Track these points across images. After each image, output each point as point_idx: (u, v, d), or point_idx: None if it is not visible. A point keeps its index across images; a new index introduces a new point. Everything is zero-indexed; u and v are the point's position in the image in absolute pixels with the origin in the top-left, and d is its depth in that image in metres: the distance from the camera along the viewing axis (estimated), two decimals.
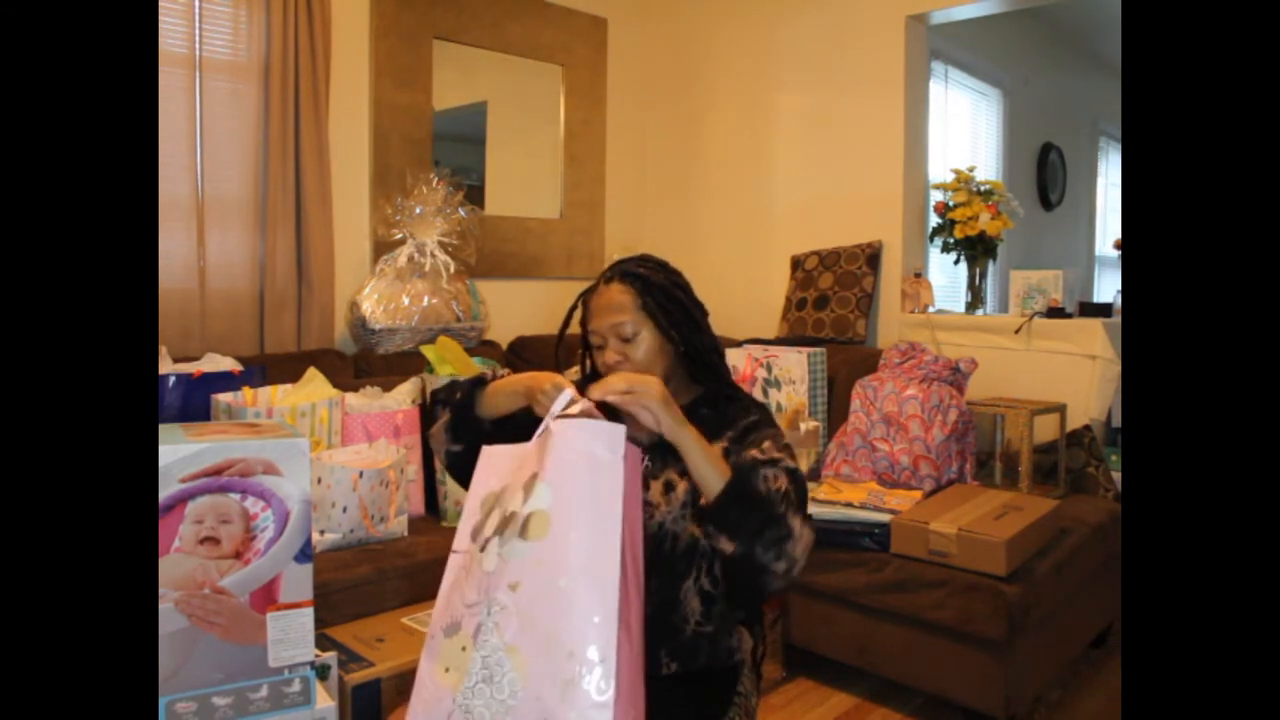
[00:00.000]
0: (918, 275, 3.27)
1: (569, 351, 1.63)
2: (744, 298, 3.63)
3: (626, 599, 1.02)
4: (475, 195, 3.32)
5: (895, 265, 3.26)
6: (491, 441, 1.18)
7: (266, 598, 1.23)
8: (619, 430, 1.02)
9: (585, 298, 1.35)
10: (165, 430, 1.26)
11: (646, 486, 1.26)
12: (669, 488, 1.25)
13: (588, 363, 1.40)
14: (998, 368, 2.91)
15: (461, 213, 3.03)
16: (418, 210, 2.95)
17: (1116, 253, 3.70)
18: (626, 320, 1.28)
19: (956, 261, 3.31)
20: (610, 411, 1.14)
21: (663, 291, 1.31)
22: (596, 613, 0.96)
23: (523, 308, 3.47)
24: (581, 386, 1.33)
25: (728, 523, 1.10)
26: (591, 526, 0.97)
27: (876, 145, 3.29)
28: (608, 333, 1.29)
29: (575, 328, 1.40)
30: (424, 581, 2.07)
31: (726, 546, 1.10)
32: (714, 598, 1.25)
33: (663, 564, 1.21)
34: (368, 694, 1.64)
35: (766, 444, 1.22)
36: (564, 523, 0.97)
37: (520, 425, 1.23)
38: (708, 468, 1.11)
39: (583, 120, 3.69)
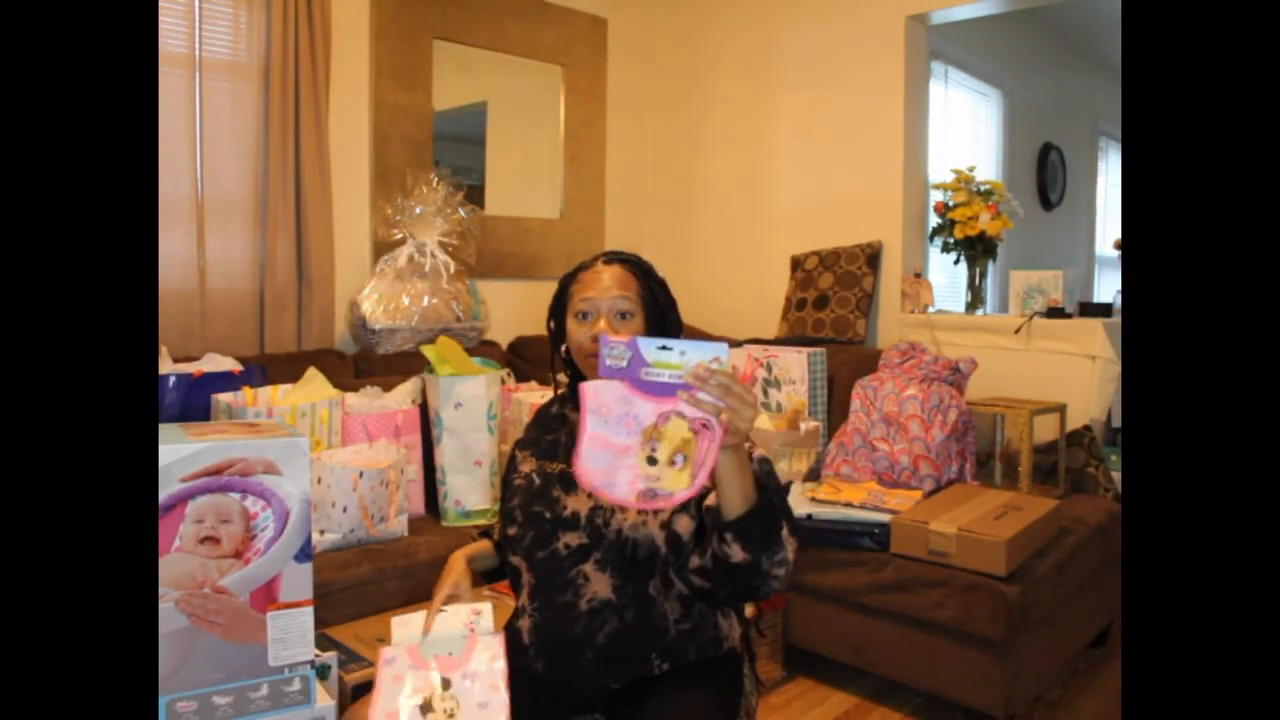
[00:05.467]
0: (918, 275, 3.27)
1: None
2: (744, 298, 3.63)
3: None
4: (475, 195, 3.32)
5: (895, 265, 3.26)
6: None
7: (266, 597, 1.23)
8: None
9: (574, 276, 1.35)
10: (165, 430, 1.26)
11: None
12: None
13: (563, 348, 1.36)
14: (998, 368, 2.91)
15: (461, 213, 3.03)
16: (418, 210, 2.95)
17: (1116, 253, 3.70)
18: (630, 297, 1.29)
19: (956, 261, 3.31)
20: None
21: (661, 288, 1.34)
22: None
23: (523, 308, 3.47)
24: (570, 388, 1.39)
25: (749, 536, 1.11)
26: None
27: (876, 145, 3.29)
28: (605, 307, 1.28)
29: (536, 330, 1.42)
30: (424, 581, 2.07)
31: (737, 554, 1.12)
32: (689, 598, 1.24)
33: (626, 567, 1.22)
34: (367, 694, 1.64)
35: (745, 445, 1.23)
36: None
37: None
38: (742, 483, 1.11)
39: (583, 120, 3.69)
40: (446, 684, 1.19)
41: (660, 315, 1.32)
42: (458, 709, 1.17)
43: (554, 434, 1.38)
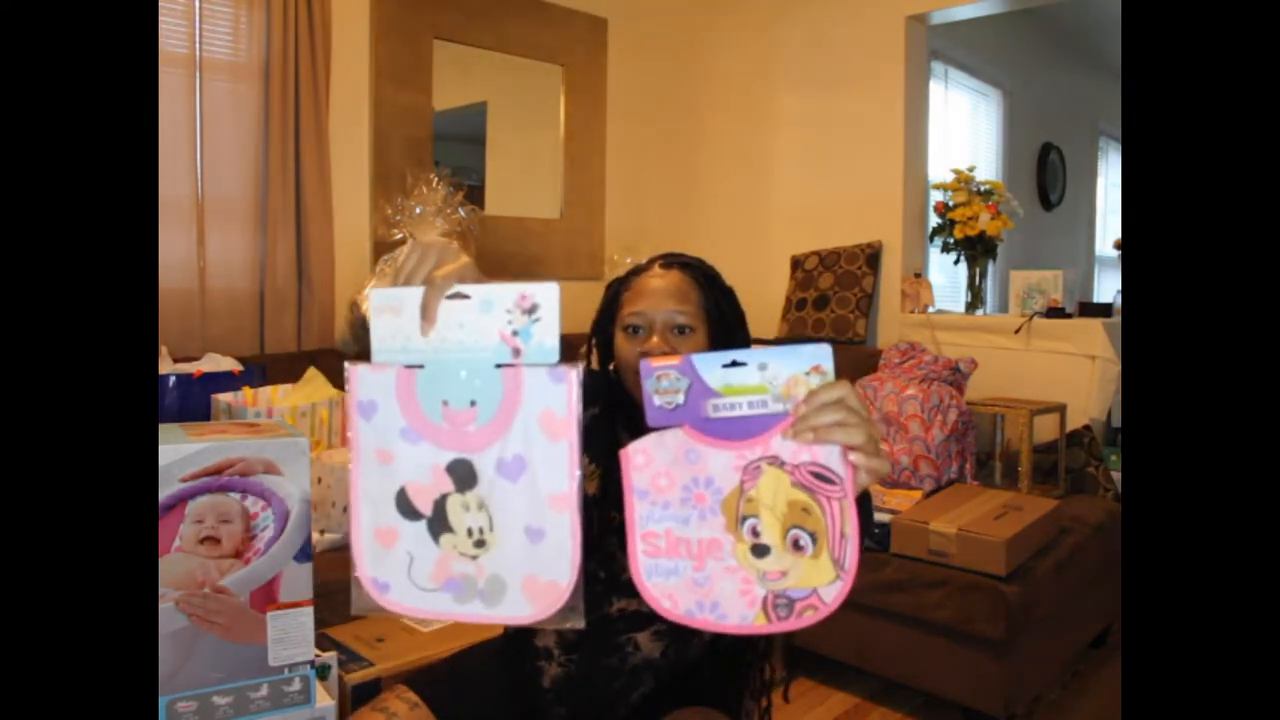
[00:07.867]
0: (918, 275, 3.27)
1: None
2: (744, 298, 3.61)
3: None
4: (475, 195, 3.32)
5: (895, 265, 3.26)
6: None
7: (266, 597, 1.23)
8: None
9: (626, 281, 1.17)
10: (165, 430, 1.26)
11: None
12: None
13: (610, 367, 1.20)
14: (998, 368, 2.91)
15: (461, 213, 3.03)
16: (418, 210, 2.95)
17: (1116, 253, 3.71)
18: (689, 310, 1.11)
19: (956, 261, 3.31)
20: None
21: (728, 301, 1.18)
22: None
23: None
24: (592, 386, 1.12)
25: None
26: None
27: (876, 145, 3.30)
28: (659, 320, 1.10)
29: (578, 327, 1.28)
30: None
31: None
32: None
33: (685, 635, 1.16)
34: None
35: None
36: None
37: None
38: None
39: (583, 120, 3.69)
40: (467, 478, 0.65)
41: (726, 332, 1.15)
42: (489, 531, 0.66)
43: (604, 462, 1.12)
